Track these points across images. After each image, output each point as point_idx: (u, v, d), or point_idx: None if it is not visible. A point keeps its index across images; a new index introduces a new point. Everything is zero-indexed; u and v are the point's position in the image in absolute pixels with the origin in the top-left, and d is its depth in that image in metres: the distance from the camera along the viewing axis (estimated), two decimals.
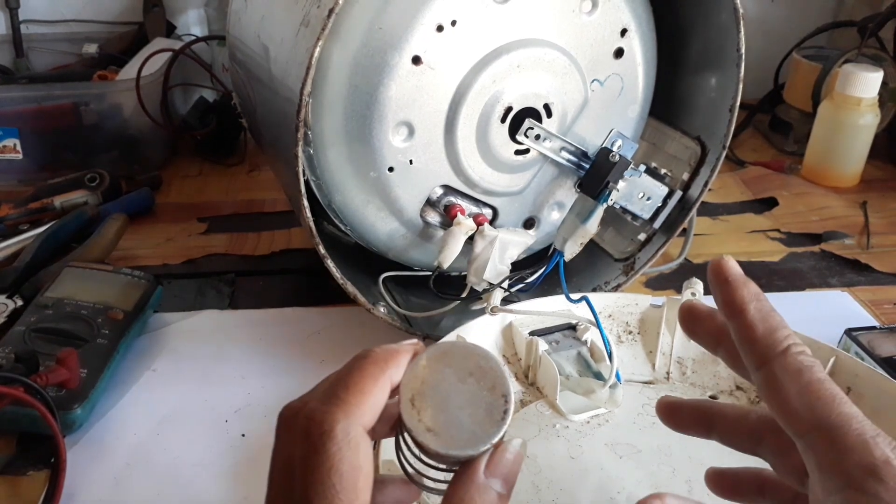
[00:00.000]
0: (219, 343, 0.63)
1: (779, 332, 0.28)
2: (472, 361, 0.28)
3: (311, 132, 0.53)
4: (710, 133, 0.63)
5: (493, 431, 0.26)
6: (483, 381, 0.27)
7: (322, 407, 0.26)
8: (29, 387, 0.49)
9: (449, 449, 0.26)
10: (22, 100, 0.88)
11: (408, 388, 0.27)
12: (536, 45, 0.54)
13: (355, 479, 0.25)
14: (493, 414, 0.27)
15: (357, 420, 0.26)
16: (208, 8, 1.11)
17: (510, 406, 0.27)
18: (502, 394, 0.27)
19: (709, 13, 0.61)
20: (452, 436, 0.26)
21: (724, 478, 0.35)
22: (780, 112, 1.03)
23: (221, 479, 0.50)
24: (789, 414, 0.27)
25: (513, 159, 0.58)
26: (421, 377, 0.27)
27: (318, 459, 0.25)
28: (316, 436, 0.25)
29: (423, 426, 0.26)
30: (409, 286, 0.64)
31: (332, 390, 0.26)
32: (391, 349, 0.28)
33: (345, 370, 0.27)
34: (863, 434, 0.25)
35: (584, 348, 0.56)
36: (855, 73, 0.84)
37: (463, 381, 0.27)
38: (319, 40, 0.47)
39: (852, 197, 0.87)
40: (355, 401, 0.26)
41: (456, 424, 0.26)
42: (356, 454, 0.25)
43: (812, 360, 0.27)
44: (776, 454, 0.31)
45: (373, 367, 0.27)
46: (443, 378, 0.27)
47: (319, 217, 0.57)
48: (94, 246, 0.71)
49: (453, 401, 0.27)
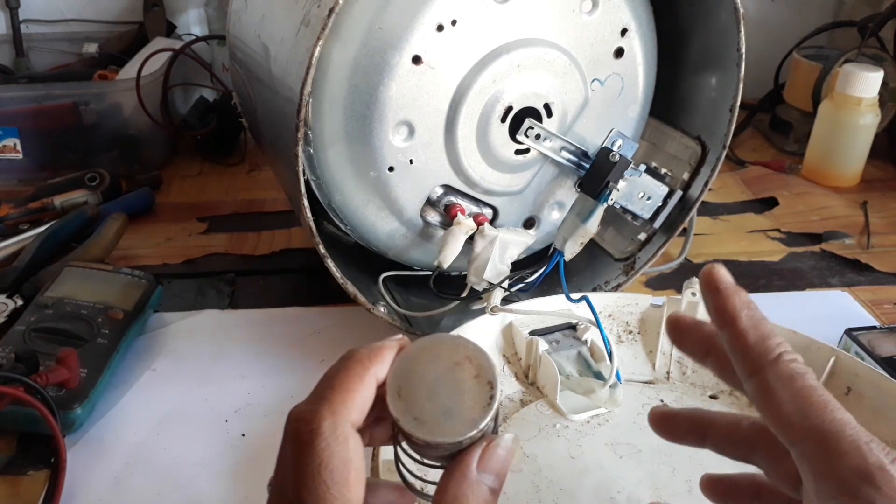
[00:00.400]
0: (219, 343, 0.63)
1: (770, 340, 0.28)
2: (457, 352, 0.28)
3: (311, 132, 0.53)
4: (711, 133, 0.63)
5: (479, 417, 0.27)
6: (468, 370, 0.28)
7: (309, 407, 0.26)
8: (29, 386, 0.49)
9: (436, 436, 0.26)
10: (22, 99, 0.88)
11: (394, 381, 0.28)
12: (537, 45, 0.54)
13: (346, 473, 0.25)
14: (479, 400, 0.27)
15: (344, 417, 0.26)
16: (208, 7, 1.11)
17: (496, 392, 0.27)
18: (488, 381, 0.28)
19: (709, 13, 0.61)
20: (439, 423, 0.27)
21: (720, 484, 0.36)
22: (781, 112, 1.03)
23: (221, 479, 0.50)
24: (782, 421, 0.27)
25: (513, 159, 0.58)
26: (407, 369, 0.28)
27: (308, 457, 0.25)
28: (305, 434, 0.26)
29: (409, 415, 0.27)
30: (409, 286, 0.64)
31: (319, 391, 0.27)
32: (375, 347, 0.29)
33: (331, 371, 0.28)
34: (857, 440, 0.25)
35: (584, 348, 0.56)
36: (855, 72, 0.84)
37: (449, 371, 0.28)
38: (320, 40, 0.47)
39: (852, 197, 0.87)
40: (340, 398, 0.27)
41: (442, 412, 0.27)
42: (345, 449, 0.26)
43: (804, 368, 0.28)
44: (770, 461, 0.32)
45: (356, 366, 0.28)
46: (429, 369, 0.28)
47: (319, 217, 0.57)
48: (94, 246, 0.71)
49: (439, 390, 0.27)
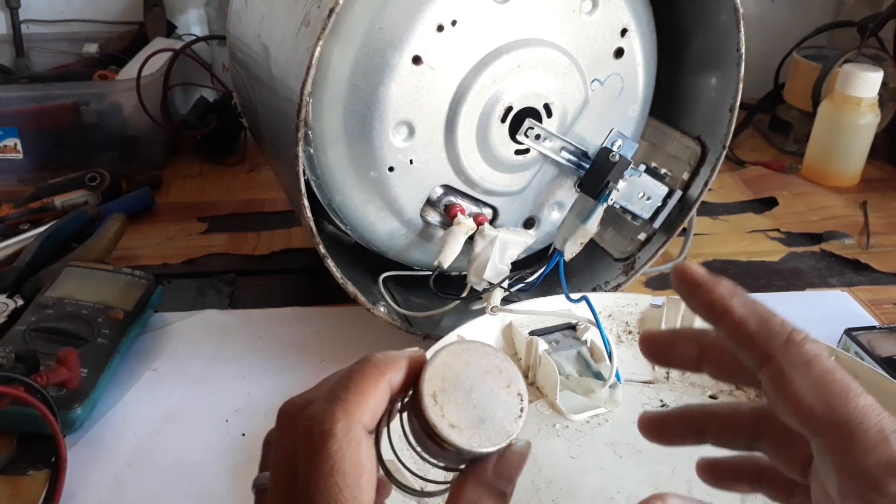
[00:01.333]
0: (219, 343, 0.63)
1: (773, 322, 0.26)
2: (487, 361, 0.29)
3: (311, 132, 0.53)
4: (710, 133, 0.63)
5: (511, 429, 0.27)
6: (500, 380, 0.28)
7: (322, 407, 0.26)
8: (29, 386, 0.49)
9: (472, 444, 0.27)
10: (22, 99, 0.88)
11: (429, 385, 0.28)
12: (537, 45, 0.54)
13: (358, 476, 0.25)
14: (511, 411, 0.28)
15: (357, 419, 0.26)
16: (208, 7, 1.11)
17: (526, 405, 0.28)
18: (518, 392, 0.28)
19: (709, 13, 0.61)
20: (475, 431, 0.27)
21: (720, 468, 0.34)
22: (780, 112, 1.03)
23: (222, 479, 0.50)
24: (803, 412, 0.25)
25: (513, 159, 0.58)
26: (441, 374, 0.28)
27: (320, 458, 0.25)
28: (317, 435, 0.25)
29: (446, 422, 0.27)
30: (409, 286, 0.64)
31: (333, 391, 0.27)
32: (391, 355, 0.29)
33: (345, 373, 0.28)
34: (883, 430, 0.24)
35: (584, 348, 0.56)
36: (855, 73, 0.84)
37: (482, 379, 0.28)
38: (320, 40, 0.47)
39: (852, 197, 0.87)
40: (355, 401, 0.26)
41: (478, 421, 0.27)
42: (357, 452, 0.25)
43: (817, 348, 0.26)
44: (776, 447, 0.30)
45: (373, 370, 0.27)
46: (463, 376, 0.28)
47: (319, 217, 0.57)
48: (94, 246, 0.71)
49: (474, 399, 0.28)
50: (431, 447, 0.28)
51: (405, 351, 0.29)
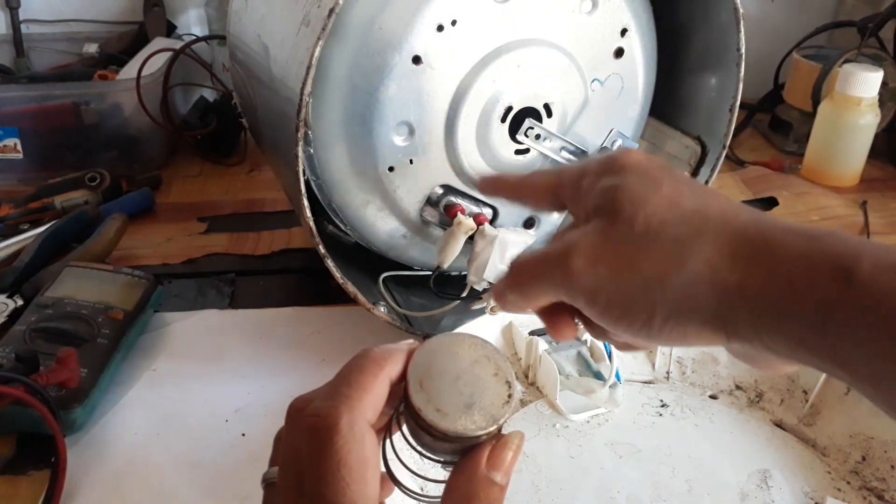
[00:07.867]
0: (219, 343, 0.63)
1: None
2: (476, 350, 0.29)
3: (311, 132, 0.53)
4: (710, 133, 0.63)
5: (499, 413, 0.28)
6: (488, 368, 0.29)
7: (325, 403, 0.27)
8: (29, 386, 0.49)
9: (458, 428, 0.27)
10: (22, 99, 0.88)
11: (416, 373, 0.28)
12: (536, 45, 0.54)
13: (363, 471, 0.26)
14: (498, 397, 0.28)
15: (360, 415, 0.26)
16: (208, 7, 1.11)
17: (514, 391, 0.28)
18: (506, 380, 0.29)
19: (709, 13, 0.61)
20: (461, 415, 0.27)
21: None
22: (780, 112, 1.03)
23: (222, 479, 0.50)
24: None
25: (513, 159, 0.58)
26: (428, 363, 0.29)
27: (326, 454, 0.25)
28: (322, 431, 0.26)
29: (431, 406, 0.27)
30: (409, 286, 0.64)
31: (335, 387, 0.27)
32: (389, 348, 0.29)
33: (345, 369, 0.28)
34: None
35: (584, 348, 0.56)
36: (855, 72, 0.84)
37: (470, 367, 0.29)
38: (320, 40, 0.47)
39: (852, 197, 0.87)
40: (357, 396, 0.27)
41: (464, 406, 0.28)
42: (362, 447, 0.26)
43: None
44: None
45: (372, 365, 0.28)
46: (450, 364, 0.29)
47: (319, 217, 0.58)
48: (94, 246, 0.71)
49: (461, 385, 0.28)
50: (424, 437, 0.28)
51: (402, 343, 0.30)
